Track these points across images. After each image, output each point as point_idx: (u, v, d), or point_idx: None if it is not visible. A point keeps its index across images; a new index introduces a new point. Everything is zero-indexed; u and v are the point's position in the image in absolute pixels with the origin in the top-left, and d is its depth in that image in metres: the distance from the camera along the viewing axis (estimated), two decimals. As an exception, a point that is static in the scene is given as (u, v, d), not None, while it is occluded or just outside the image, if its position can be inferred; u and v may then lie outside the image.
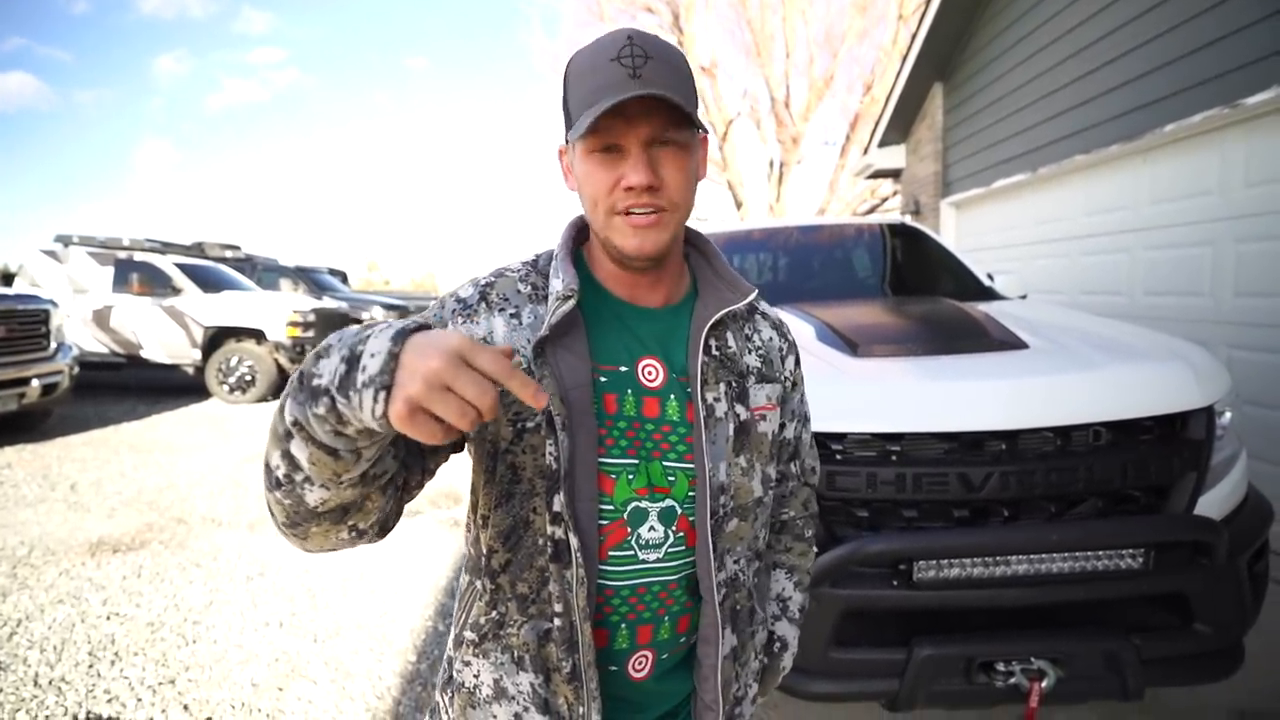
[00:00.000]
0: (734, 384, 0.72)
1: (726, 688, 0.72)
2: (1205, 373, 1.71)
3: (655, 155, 0.63)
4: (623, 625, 0.68)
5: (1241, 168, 3.29)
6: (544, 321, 0.65)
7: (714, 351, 0.72)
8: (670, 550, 0.69)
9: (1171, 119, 3.57)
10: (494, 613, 0.69)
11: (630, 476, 0.66)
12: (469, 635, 0.70)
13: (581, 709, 0.66)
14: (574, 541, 0.63)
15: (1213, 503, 1.60)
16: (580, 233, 0.76)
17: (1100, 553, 1.49)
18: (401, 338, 0.45)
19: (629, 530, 0.67)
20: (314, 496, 0.54)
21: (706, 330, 0.71)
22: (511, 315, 0.67)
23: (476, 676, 0.69)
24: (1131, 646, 1.46)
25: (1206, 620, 1.51)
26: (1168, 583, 1.51)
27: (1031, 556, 1.48)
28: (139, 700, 2.08)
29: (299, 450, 0.51)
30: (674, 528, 0.68)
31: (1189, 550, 1.54)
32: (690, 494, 0.69)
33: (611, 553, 0.66)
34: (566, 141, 0.69)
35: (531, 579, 0.66)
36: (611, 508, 0.66)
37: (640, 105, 0.61)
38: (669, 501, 0.68)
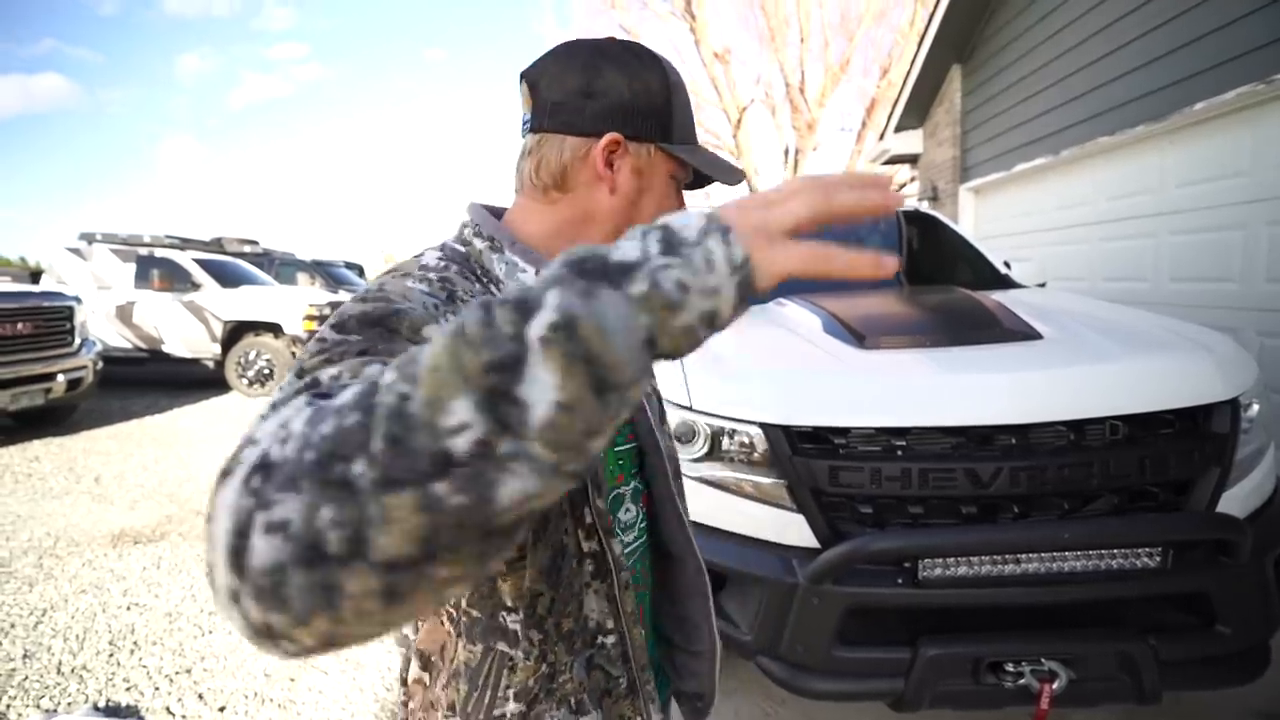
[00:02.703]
0: None
1: (714, 627, 0.77)
2: (1230, 363, 1.64)
3: None
4: None
5: (1276, 146, 3.15)
6: None
7: None
8: (640, 527, 0.71)
9: (1201, 97, 3.42)
10: (544, 666, 0.59)
11: (611, 468, 0.67)
12: (511, 710, 0.58)
13: (639, 718, 0.65)
14: (614, 548, 0.61)
15: (1236, 499, 1.54)
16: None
17: (1115, 551, 1.44)
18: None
19: (613, 519, 0.66)
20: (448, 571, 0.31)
21: None
22: None
23: None
24: (1148, 648, 1.41)
25: (1229, 621, 1.46)
26: (1187, 582, 1.46)
27: (1042, 555, 1.44)
28: (156, 689, 2.13)
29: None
30: (640, 504, 0.71)
31: (1211, 549, 1.48)
32: (636, 470, 0.71)
33: None
34: (636, 137, 0.61)
35: (574, 610, 0.60)
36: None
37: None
38: (634, 482, 0.70)
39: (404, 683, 0.64)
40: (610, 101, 0.59)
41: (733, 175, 0.68)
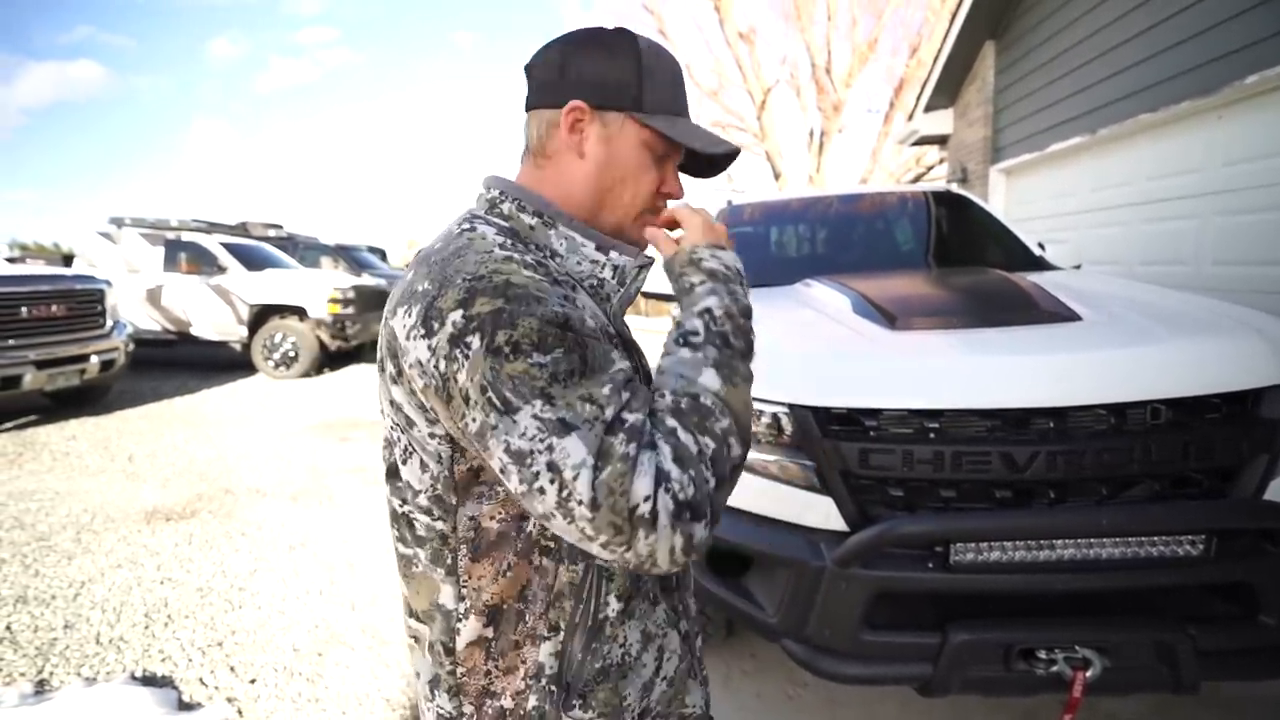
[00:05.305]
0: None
1: None
2: (1282, 346, 1.57)
3: None
4: None
5: (1331, 122, 3.00)
6: (608, 289, 0.69)
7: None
8: None
9: (1254, 69, 3.27)
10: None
11: None
12: (611, 613, 0.67)
13: (681, 606, 0.76)
14: None
15: (1286, 487, 1.48)
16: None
17: (1156, 538, 1.40)
18: None
19: None
20: None
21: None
22: (576, 288, 0.63)
23: (624, 644, 0.68)
24: (1187, 637, 1.36)
25: (1274, 612, 1.40)
26: (1231, 572, 1.41)
27: (1079, 541, 1.40)
28: (190, 661, 2.18)
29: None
30: None
31: (1256, 538, 1.43)
32: None
33: None
34: (603, 106, 0.66)
35: None
36: None
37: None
38: None
39: (450, 652, 0.66)
40: (579, 75, 0.65)
41: (714, 143, 0.70)
